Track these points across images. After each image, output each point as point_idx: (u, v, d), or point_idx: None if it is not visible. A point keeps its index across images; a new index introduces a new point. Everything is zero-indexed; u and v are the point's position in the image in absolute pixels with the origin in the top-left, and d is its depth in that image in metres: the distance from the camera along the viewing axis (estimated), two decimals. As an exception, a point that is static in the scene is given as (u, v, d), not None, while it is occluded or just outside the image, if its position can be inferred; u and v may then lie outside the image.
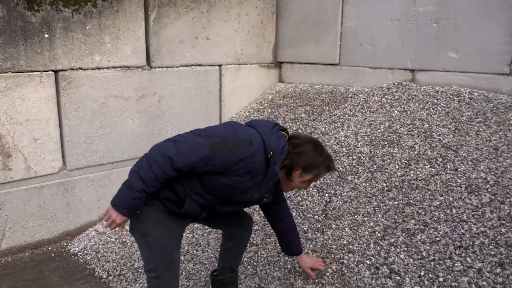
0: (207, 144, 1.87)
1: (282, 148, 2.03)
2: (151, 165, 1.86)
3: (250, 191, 2.04)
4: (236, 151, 1.90)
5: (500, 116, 3.33)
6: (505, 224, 2.53)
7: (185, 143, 1.89)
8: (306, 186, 2.18)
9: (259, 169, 1.97)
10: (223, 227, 2.52)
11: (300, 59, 4.97)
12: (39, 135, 3.39)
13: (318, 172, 2.13)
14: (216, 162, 1.89)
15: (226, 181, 1.95)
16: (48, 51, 3.32)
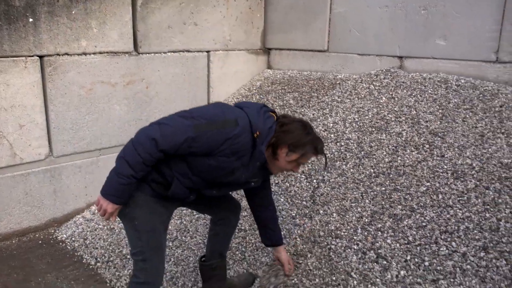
0: (192, 126, 1.87)
1: (269, 128, 2.02)
2: (137, 149, 1.86)
3: (237, 172, 2.02)
4: (222, 131, 1.89)
5: (486, 103, 3.36)
6: (490, 209, 2.57)
7: (169, 125, 1.88)
8: (294, 167, 2.14)
9: (245, 149, 1.97)
10: (211, 211, 2.52)
11: (289, 46, 4.96)
12: (24, 122, 3.35)
13: (304, 151, 2.08)
14: (201, 143, 1.88)
15: (212, 163, 1.94)
16: (33, 36, 3.26)
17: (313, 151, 2.11)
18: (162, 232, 2.14)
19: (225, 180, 2.07)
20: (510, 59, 3.53)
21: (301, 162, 2.15)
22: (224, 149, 1.91)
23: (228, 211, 2.50)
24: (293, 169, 2.16)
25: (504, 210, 2.53)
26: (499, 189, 2.66)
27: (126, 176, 1.88)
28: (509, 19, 3.49)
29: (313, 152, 2.12)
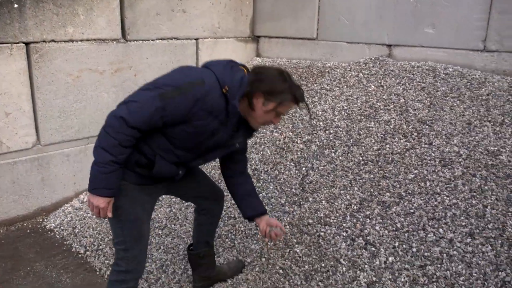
0: (157, 95, 1.79)
1: (241, 80, 1.92)
2: (108, 132, 1.80)
3: (217, 133, 1.96)
4: (189, 93, 1.81)
5: (473, 91, 3.39)
6: (476, 196, 2.61)
7: (135, 101, 1.81)
8: (273, 118, 2.01)
9: (218, 107, 1.89)
10: (195, 201, 2.50)
11: (278, 34, 4.94)
12: (11, 110, 3.30)
13: (282, 99, 1.94)
14: (172, 111, 1.81)
15: (190, 130, 1.88)
16: (18, 22, 3.21)
17: (292, 99, 1.96)
18: (145, 221, 2.11)
19: (207, 145, 2.00)
20: (497, 48, 3.56)
21: (280, 112, 2.00)
22: (196, 112, 1.83)
23: (211, 202, 2.48)
24: (273, 121, 2.02)
25: (490, 197, 2.57)
26: (486, 176, 2.70)
27: (106, 163, 1.81)
28: (496, 8, 3.51)
29: (292, 99, 1.97)
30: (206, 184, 2.46)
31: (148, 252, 2.97)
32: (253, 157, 3.58)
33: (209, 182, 2.50)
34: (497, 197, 2.55)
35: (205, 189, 2.44)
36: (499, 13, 3.50)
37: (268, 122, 2.04)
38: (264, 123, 2.05)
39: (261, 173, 3.40)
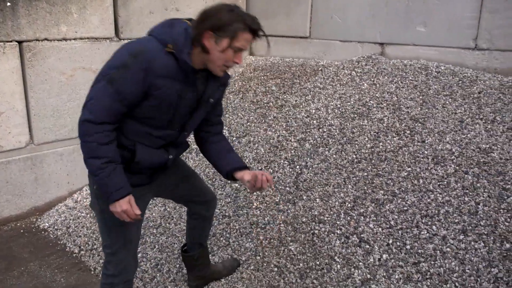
0: (106, 83, 1.72)
1: (184, 32, 1.78)
2: (84, 140, 1.75)
3: (184, 95, 1.85)
4: (134, 66, 1.71)
5: (465, 89, 3.42)
6: (468, 194, 2.64)
7: (91, 99, 1.75)
8: (232, 56, 1.81)
9: (169, 68, 1.77)
10: (186, 204, 2.47)
11: (271, 32, 4.94)
12: (3, 109, 3.28)
13: (234, 30, 1.74)
14: (126, 91, 1.73)
15: (154, 103, 1.79)
16: (11, 21, 3.19)
17: (244, 28, 1.76)
18: (132, 225, 2.02)
19: (181, 112, 1.89)
20: (488, 47, 3.60)
21: (237, 47, 1.78)
22: (151, 82, 1.74)
23: (202, 206, 2.44)
24: (234, 60, 1.82)
25: (482, 194, 2.60)
26: (478, 173, 2.73)
27: (99, 168, 1.75)
28: (487, 8, 3.55)
29: (245, 28, 1.76)
30: (197, 187, 2.40)
31: (143, 251, 2.99)
32: (247, 155, 3.59)
33: (201, 185, 2.44)
34: (489, 194, 2.59)
35: (196, 192, 2.38)
36: (490, 12, 3.54)
37: (230, 63, 1.83)
38: (226, 65, 1.83)
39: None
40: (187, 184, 2.33)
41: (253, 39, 1.83)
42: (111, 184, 1.79)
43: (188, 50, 1.77)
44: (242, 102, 4.27)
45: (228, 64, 1.83)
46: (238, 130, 3.92)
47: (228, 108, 4.25)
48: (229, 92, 4.49)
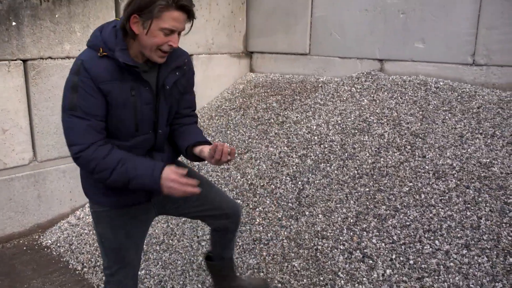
0: (69, 112, 1.65)
1: (113, 30, 1.71)
2: (91, 170, 1.70)
3: (137, 91, 1.76)
4: (79, 83, 1.64)
5: (464, 104, 3.46)
6: (470, 208, 2.66)
7: (68, 133, 1.68)
8: (164, 39, 1.68)
9: (111, 70, 1.69)
10: (203, 220, 2.30)
11: (271, 49, 5.01)
12: (8, 126, 3.31)
13: (157, 10, 1.62)
14: (92, 107, 1.66)
15: (113, 111, 1.72)
16: (16, 40, 3.23)
17: (167, 4, 1.63)
18: (129, 247, 1.97)
19: (143, 110, 1.78)
20: (486, 62, 3.65)
21: (165, 27, 1.66)
22: (102, 89, 1.67)
23: (221, 220, 2.23)
24: (169, 43, 1.69)
25: (484, 209, 2.62)
26: (479, 188, 2.76)
27: (121, 172, 1.68)
28: (484, 24, 3.61)
29: (168, 5, 1.63)
30: (211, 200, 2.16)
31: (146, 267, 2.99)
32: (248, 171, 3.61)
33: (217, 197, 2.20)
34: (491, 209, 2.61)
35: (210, 206, 2.16)
36: (487, 28, 3.60)
37: (164, 47, 1.70)
38: (160, 49, 1.70)
39: (257, 188, 3.43)
40: (197, 197, 2.05)
41: (185, 16, 1.70)
42: (142, 173, 1.69)
43: (120, 46, 1.69)
44: (243, 119, 4.31)
45: (162, 48, 1.70)
46: (239, 147, 3.94)
47: (230, 125, 4.28)
48: (230, 108, 4.53)
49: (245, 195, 3.40)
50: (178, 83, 1.89)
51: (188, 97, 2.02)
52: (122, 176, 1.68)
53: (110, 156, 1.69)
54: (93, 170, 1.69)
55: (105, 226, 1.93)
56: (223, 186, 3.55)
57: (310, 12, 4.62)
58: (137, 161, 1.72)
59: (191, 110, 2.05)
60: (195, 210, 2.15)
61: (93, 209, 1.95)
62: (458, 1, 3.70)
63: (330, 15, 4.48)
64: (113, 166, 1.68)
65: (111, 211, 1.90)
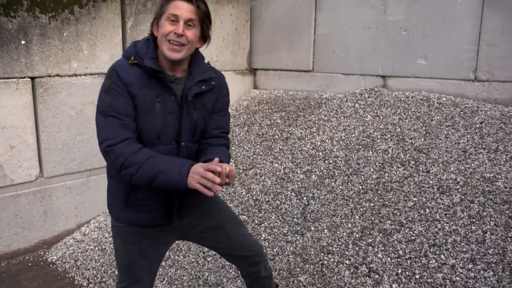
0: (103, 113, 1.74)
1: (145, 41, 1.82)
2: (119, 165, 1.72)
3: (162, 98, 1.80)
4: (115, 83, 1.75)
5: (467, 120, 3.49)
6: (475, 222, 2.67)
7: (100, 131, 1.76)
8: (168, 27, 1.73)
9: (139, 77, 1.77)
10: (226, 258, 2.23)
11: (274, 66, 5.07)
12: (15, 143, 3.35)
13: (164, 4, 1.76)
14: (123, 106, 1.73)
15: (138, 113, 1.77)
16: (24, 58, 3.29)
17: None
18: (142, 265, 1.96)
19: (166, 119, 1.81)
20: (487, 78, 3.69)
21: (169, 16, 1.74)
22: (130, 92, 1.75)
23: (242, 262, 2.17)
24: (174, 31, 1.74)
25: (489, 223, 2.63)
26: (483, 202, 2.77)
27: (147, 167, 1.69)
28: (485, 40, 3.66)
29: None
30: (233, 238, 2.10)
31: (152, 283, 2.98)
32: (253, 187, 3.63)
33: (239, 236, 2.12)
34: (495, 223, 2.62)
35: (230, 244, 2.10)
36: (488, 44, 3.65)
37: (170, 36, 1.74)
38: (168, 39, 1.74)
39: (262, 203, 3.44)
40: (220, 232, 2.06)
41: (191, 6, 1.76)
42: (170, 168, 1.69)
43: (150, 55, 1.78)
44: (248, 135, 4.34)
45: (169, 37, 1.74)
46: (244, 163, 3.97)
47: (234, 141, 4.31)
48: (234, 125, 4.57)
49: (250, 211, 3.41)
50: (204, 99, 1.90)
51: (218, 117, 1.98)
52: (149, 172, 1.68)
53: (140, 152, 1.71)
54: (121, 165, 1.70)
55: (120, 241, 1.96)
56: (228, 202, 3.57)
57: (313, 30, 4.69)
58: (166, 158, 1.73)
59: (221, 132, 1.99)
60: (216, 245, 2.11)
61: (112, 223, 1.99)
62: (459, 18, 3.76)
63: (333, 32, 4.54)
64: (141, 162, 1.69)
65: (127, 227, 1.92)
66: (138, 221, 1.91)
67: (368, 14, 4.27)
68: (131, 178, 1.72)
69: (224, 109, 2.01)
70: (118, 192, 1.90)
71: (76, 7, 3.51)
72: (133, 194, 1.85)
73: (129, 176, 1.72)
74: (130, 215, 1.89)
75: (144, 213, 1.89)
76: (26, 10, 3.26)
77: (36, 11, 3.30)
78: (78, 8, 3.52)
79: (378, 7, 4.20)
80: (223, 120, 2.00)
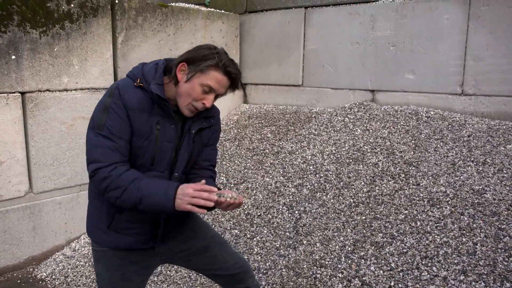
0: (96, 130, 1.69)
1: (154, 65, 1.78)
2: (105, 187, 1.67)
3: (163, 126, 1.76)
4: (115, 103, 1.69)
5: (455, 133, 3.55)
6: (466, 234, 2.70)
7: (90, 151, 1.71)
8: (200, 94, 1.71)
9: (142, 101, 1.72)
10: (212, 279, 2.16)
11: (264, 81, 5.11)
12: (4, 158, 3.32)
13: (205, 66, 1.69)
14: (117, 127, 1.68)
15: (134, 138, 1.73)
16: (15, 73, 3.28)
17: (217, 65, 1.69)
18: None
19: (163, 147, 1.77)
20: (474, 92, 3.76)
21: (206, 84, 1.70)
22: (129, 115, 1.70)
23: (229, 281, 2.10)
24: (202, 101, 1.72)
25: (479, 234, 2.66)
26: (473, 214, 2.80)
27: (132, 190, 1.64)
28: (471, 55, 3.74)
29: (217, 66, 1.69)
30: (219, 258, 2.05)
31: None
32: (245, 202, 3.63)
33: (225, 255, 2.07)
34: (485, 235, 2.65)
35: (218, 266, 2.05)
36: (474, 59, 3.73)
37: (197, 103, 1.73)
38: (193, 104, 1.73)
39: (254, 218, 3.44)
40: (206, 254, 2.03)
41: (229, 83, 1.75)
42: (156, 191, 1.64)
43: (157, 81, 1.73)
44: (239, 150, 4.35)
45: (195, 104, 1.73)
46: (235, 177, 3.97)
47: (225, 156, 4.32)
48: (225, 139, 4.58)
49: (242, 225, 3.41)
50: (203, 133, 1.90)
51: (209, 150, 1.99)
52: (133, 195, 1.64)
53: (126, 174, 1.66)
54: (106, 188, 1.66)
55: (102, 266, 1.89)
56: (220, 216, 3.56)
57: (303, 45, 4.74)
58: (151, 180, 1.69)
59: (209, 164, 1.99)
60: (202, 267, 2.06)
61: (93, 247, 1.92)
62: (446, 33, 3.84)
63: (322, 47, 4.60)
64: (127, 185, 1.65)
65: (109, 251, 1.86)
66: (121, 245, 1.85)
67: (356, 30, 4.34)
68: (115, 201, 1.68)
69: (214, 144, 2.02)
70: (101, 214, 1.83)
71: (67, 22, 3.51)
72: (118, 216, 1.80)
73: (114, 199, 1.67)
74: (113, 238, 1.83)
75: (128, 236, 1.83)
76: (17, 25, 3.25)
77: (27, 26, 3.30)
78: (69, 23, 3.52)
79: (366, 23, 4.27)
80: (212, 154, 2.01)
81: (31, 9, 3.31)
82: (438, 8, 3.88)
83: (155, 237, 1.87)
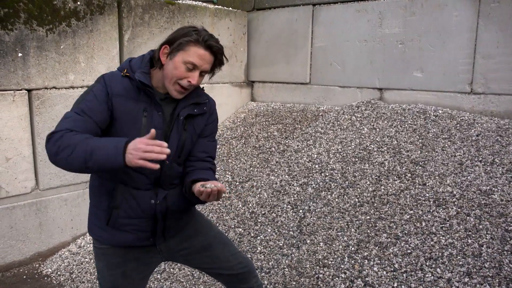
0: (72, 109, 1.69)
1: (141, 57, 1.82)
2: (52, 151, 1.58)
3: (150, 114, 1.75)
4: (97, 86, 1.72)
5: (463, 132, 3.50)
6: (471, 236, 2.66)
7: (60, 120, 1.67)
8: (185, 72, 1.71)
9: (128, 89, 1.73)
10: (216, 278, 2.16)
11: (272, 79, 5.08)
12: (11, 155, 3.34)
13: (185, 43, 1.70)
14: (92, 107, 1.67)
15: (119, 126, 1.73)
16: (21, 70, 3.30)
17: (196, 41, 1.70)
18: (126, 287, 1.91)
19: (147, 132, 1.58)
20: (483, 91, 3.70)
21: (189, 61, 1.70)
22: (112, 101, 1.70)
23: (233, 280, 2.09)
24: (188, 78, 1.72)
25: (485, 236, 2.62)
26: (479, 215, 2.76)
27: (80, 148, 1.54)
28: (480, 53, 3.68)
29: (197, 41, 1.70)
30: (222, 258, 2.04)
31: (147, 296, 2.96)
32: (250, 200, 3.62)
33: (228, 254, 2.06)
34: (492, 236, 2.60)
35: (220, 265, 2.04)
36: (483, 57, 3.67)
37: (183, 81, 1.72)
38: (179, 83, 1.73)
39: (258, 216, 3.43)
40: (207, 253, 2.01)
41: (212, 58, 1.75)
42: (105, 144, 1.55)
43: (143, 70, 1.75)
44: (245, 148, 4.34)
45: (181, 82, 1.72)
46: (241, 175, 3.96)
47: (231, 154, 4.31)
48: (231, 137, 4.57)
49: (246, 224, 3.40)
50: (195, 121, 1.87)
51: (205, 141, 1.95)
52: (82, 150, 1.54)
53: (78, 134, 1.59)
54: (57, 149, 1.57)
55: (103, 264, 1.89)
56: (224, 215, 3.55)
57: (310, 43, 4.71)
58: (103, 138, 1.62)
59: (207, 156, 1.94)
60: (205, 266, 2.05)
61: (94, 245, 1.92)
62: (455, 31, 3.79)
63: (330, 45, 4.57)
64: (77, 141, 1.55)
65: (109, 249, 1.86)
66: (121, 242, 1.84)
67: (364, 27, 4.30)
68: (66, 162, 1.57)
69: (212, 135, 1.98)
70: (99, 211, 1.83)
71: (74, 20, 3.53)
72: (115, 212, 1.79)
73: (65, 160, 1.56)
74: (113, 235, 1.83)
75: (127, 233, 1.82)
76: (24, 22, 3.27)
77: (34, 23, 3.32)
78: (75, 21, 3.54)
79: (374, 20, 4.22)
80: (210, 145, 1.97)
81: (38, 6, 3.33)
82: (447, 5, 3.82)
83: (154, 233, 1.86)
